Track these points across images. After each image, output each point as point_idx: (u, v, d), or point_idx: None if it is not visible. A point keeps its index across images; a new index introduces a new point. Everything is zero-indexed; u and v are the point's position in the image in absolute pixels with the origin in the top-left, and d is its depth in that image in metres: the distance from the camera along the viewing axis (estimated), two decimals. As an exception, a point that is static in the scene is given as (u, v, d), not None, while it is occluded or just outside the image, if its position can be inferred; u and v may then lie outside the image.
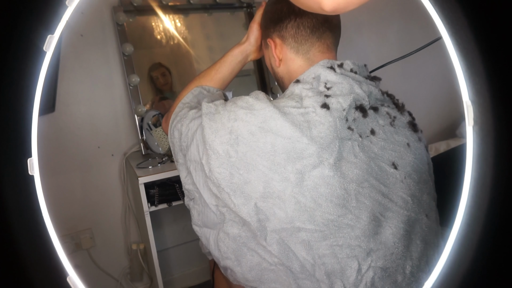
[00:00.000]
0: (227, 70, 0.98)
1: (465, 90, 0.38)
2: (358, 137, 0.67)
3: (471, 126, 0.38)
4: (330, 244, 0.64)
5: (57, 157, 1.59)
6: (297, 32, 0.75)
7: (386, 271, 0.65)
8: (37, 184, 0.45)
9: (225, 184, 0.68)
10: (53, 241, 0.45)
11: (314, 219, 0.64)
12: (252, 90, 0.76)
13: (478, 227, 0.36)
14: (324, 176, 0.63)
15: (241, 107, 0.69)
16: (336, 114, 0.66)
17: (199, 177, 0.75)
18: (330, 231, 0.64)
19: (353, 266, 0.64)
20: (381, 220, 0.66)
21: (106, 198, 1.72)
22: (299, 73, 0.77)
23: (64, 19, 0.46)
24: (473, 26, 0.35)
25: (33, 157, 0.45)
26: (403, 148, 0.70)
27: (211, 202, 0.75)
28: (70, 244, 1.66)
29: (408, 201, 0.68)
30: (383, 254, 0.65)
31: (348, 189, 0.64)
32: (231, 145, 0.67)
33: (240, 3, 1.90)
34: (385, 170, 0.67)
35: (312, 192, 0.64)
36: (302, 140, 0.64)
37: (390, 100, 0.76)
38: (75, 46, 1.58)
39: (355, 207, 0.64)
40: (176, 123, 0.82)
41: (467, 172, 0.38)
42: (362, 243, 0.64)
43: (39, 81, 0.45)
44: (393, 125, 0.72)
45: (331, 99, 0.67)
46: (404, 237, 0.66)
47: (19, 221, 0.43)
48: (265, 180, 0.65)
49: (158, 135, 1.54)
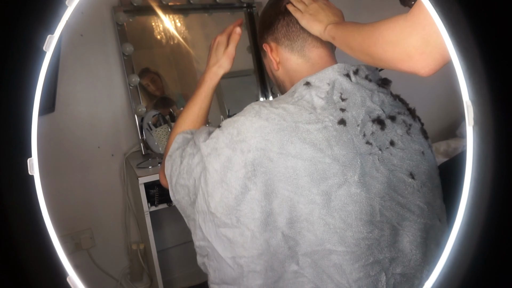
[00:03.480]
0: (209, 101, 0.87)
1: (465, 90, 0.38)
2: (378, 150, 0.65)
3: (471, 126, 0.38)
4: (363, 265, 0.62)
5: (57, 157, 1.59)
6: (288, 30, 0.77)
7: (404, 277, 0.65)
8: (37, 184, 0.45)
9: (248, 221, 0.64)
10: (53, 241, 0.45)
11: (345, 240, 0.62)
12: (252, 90, 0.76)
13: (478, 227, 0.36)
14: (351, 194, 0.61)
15: (251, 136, 0.64)
16: (352, 130, 0.64)
17: (209, 228, 0.69)
18: (362, 250, 0.62)
19: (382, 280, 0.63)
20: (398, 229, 0.65)
21: (106, 198, 1.72)
22: (298, 71, 0.77)
23: (64, 19, 0.46)
24: (473, 26, 0.35)
25: (33, 157, 0.45)
26: (420, 157, 0.69)
27: (226, 255, 0.68)
28: (70, 244, 1.65)
29: (424, 209, 0.67)
30: (401, 261, 0.65)
31: (373, 204, 0.63)
32: (249, 178, 0.63)
33: (240, 3, 1.90)
34: (403, 180, 0.66)
35: (341, 212, 0.61)
36: (324, 160, 0.61)
37: (403, 106, 0.75)
38: (75, 46, 1.58)
39: (379, 221, 0.63)
40: (176, 180, 0.75)
41: (467, 172, 0.38)
42: (387, 253, 0.64)
43: (39, 81, 0.45)
44: (409, 133, 0.70)
45: (346, 113, 0.65)
46: (421, 244, 0.66)
47: (19, 221, 0.43)
48: (290, 205, 0.62)
49: (158, 135, 1.54)
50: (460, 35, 0.37)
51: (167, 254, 1.85)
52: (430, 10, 0.41)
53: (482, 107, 0.37)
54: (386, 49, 0.57)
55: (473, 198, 0.37)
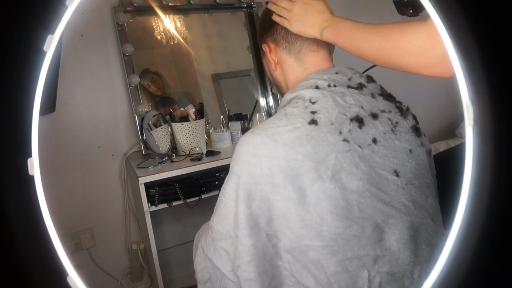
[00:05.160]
0: None
1: (465, 90, 0.38)
2: (358, 147, 0.66)
3: (471, 126, 0.38)
4: (340, 259, 0.64)
5: (57, 157, 1.59)
6: (287, 33, 0.78)
7: (392, 276, 0.65)
8: (37, 184, 0.45)
9: (238, 229, 0.68)
10: (53, 241, 0.45)
11: (321, 235, 0.63)
12: (252, 90, 0.78)
13: (478, 227, 0.36)
14: (325, 189, 0.63)
15: (235, 155, 0.71)
16: (325, 129, 0.66)
17: (209, 245, 0.75)
18: (339, 245, 0.63)
19: (363, 276, 0.64)
20: (384, 227, 0.66)
21: (106, 198, 1.72)
22: (292, 74, 0.79)
23: (64, 19, 0.46)
24: (473, 26, 0.35)
25: (33, 157, 0.45)
26: (405, 155, 0.70)
27: (226, 269, 0.71)
28: (70, 244, 1.66)
29: (409, 207, 0.67)
30: (388, 260, 0.65)
31: (349, 199, 0.64)
32: (235, 191, 0.69)
33: (240, 3, 1.90)
34: (386, 178, 0.67)
35: (316, 207, 0.63)
36: (296, 157, 0.64)
37: (392, 104, 0.75)
38: (75, 46, 1.58)
39: (359, 217, 0.64)
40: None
41: (467, 172, 0.38)
42: (370, 251, 0.64)
43: (39, 81, 0.45)
44: (394, 131, 0.71)
45: (318, 114, 0.67)
46: (409, 242, 0.66)
47: (19, 221, 0.43)
48: (269, 204, 0.66)
49: (158, 135, 1.54)
50: (460, 35, 0.37)
51: (167, 254, 1.86)
52: (430, 10, 0.41)
53: (482, 107, 0.37)
54: (409, 59, 0.59)
55: (472, 198, 0.37)
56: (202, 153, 1.54)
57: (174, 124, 1.54)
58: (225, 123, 1.78)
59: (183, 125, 1.52)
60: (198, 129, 1.55)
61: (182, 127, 1.53)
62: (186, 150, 1.55)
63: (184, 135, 1.53)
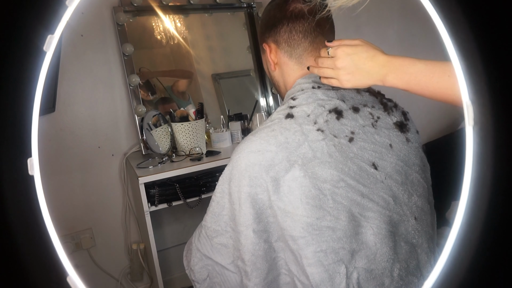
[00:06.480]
0: None
1: (465, 90, 0.38)
2: (333, 137, 0.67)
3: (471, 126, 0.38)
4: (314, 251, 0.63)
5: (57, 157, 1.59)
6: (290, 37, 0.77)
7: (371, 273, 0.64)
8: (37, 184, 0.45)
9: (233, 223, 0.71)
10: (53, 241, 0.45)
11: (295, 225, 0.64)
12: (252, 90, 0.79)
13: (478, 227, 0.36)
14: (295, 177, 0.64)
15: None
16: (300, 120, 0.68)
17: (204, 245, 0.77)
18: (312, 236, 0.63)
19: (341, 272, 0.63)
20: (361, 219, 0.65)
21: (106, 198, 1.72)
22: (292, 76, 0.79)
23: (64, 19, 0.46)
24: (473, 26, 0.35)
25: (33, 157, 0.45)
26: (385, 149, 0.70)
27: (226, 262, 0.74)
28: (70, 244, 1.66)
29: (389, 202, 0.67)
30: (365, 255, 0.64)
31: (322, 188, 0.64)
32: (227, 189, 0.72)
33: (240, 3, 1.90)
34: (365, 169, 0.67)
35: (289, 196, 0.64)
36: (270, 148, 0.66)
37: (376, 100, 0.76)
38: (75, 46, 1.58)
39: (333, 208, 0.64)
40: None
41: (467, 172, 0.38)
42: (345, 244, 0.63)
43: (39, 81, 0.45)
44: (374, 125, 0.71)
45: (295, 109, 0.70)
46: (387, 237, 0.65)
47: (19, 221, 0.43)
48: (252, 198, 0.67)
49: (158, 135, 1.54)
50: (460, 35, 0.37)
51: (167, 254, 1.86)
52: (430, 10, 0.41)
53: (482, 107, 0.37)
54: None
55: (472, 198, 0.37)
56: (202, 153, 1.55)
57: (174, 124, 1.54)
58: (225, 123, 1.78)
59: (183, 125, 1.52)
60: (198, 129, 1.55)
61: (182, 127, 1.53)
62: (186, 150, 1.55)
63: (184, 135, 1.53)
